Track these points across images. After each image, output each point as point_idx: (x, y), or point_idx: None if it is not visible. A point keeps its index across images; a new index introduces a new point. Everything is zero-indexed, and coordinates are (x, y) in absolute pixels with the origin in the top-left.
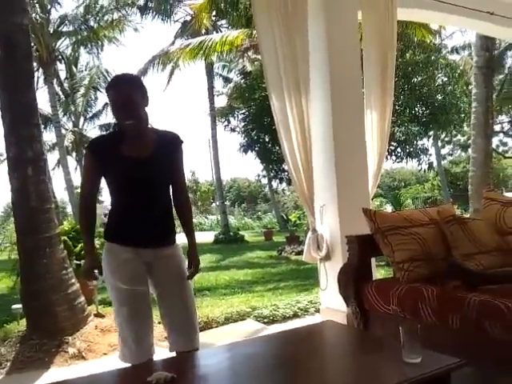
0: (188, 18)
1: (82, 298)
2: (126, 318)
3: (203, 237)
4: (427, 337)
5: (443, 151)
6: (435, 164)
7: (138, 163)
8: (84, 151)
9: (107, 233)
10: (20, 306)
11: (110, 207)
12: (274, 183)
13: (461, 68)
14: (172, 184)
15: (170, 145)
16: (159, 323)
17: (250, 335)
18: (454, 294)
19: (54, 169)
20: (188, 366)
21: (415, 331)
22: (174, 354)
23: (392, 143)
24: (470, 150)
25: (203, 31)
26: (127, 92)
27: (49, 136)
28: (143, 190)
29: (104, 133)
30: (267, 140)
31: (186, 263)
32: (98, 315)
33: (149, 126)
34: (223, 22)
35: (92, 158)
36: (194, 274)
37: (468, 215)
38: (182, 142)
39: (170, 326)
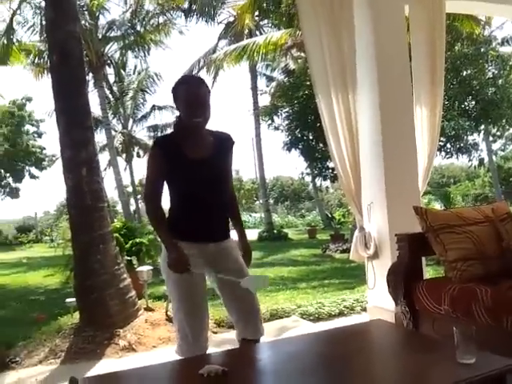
0: (231, 18)
1: (133, 293)
2: (186, 312)
3: (247, 234)
4: (480, 338)
5: (494, 146)
6: (486, 160)
7: (201, 164)
8: (150, 150)
9: (171, 229)
10: (74, 299)
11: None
12: (318, 181)
13: None
14: None
15: (225, 145)
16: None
17: (296, 332)
18: (509, 295)
19: (105, 169)
20: (239, 360)
21: (470, 332)
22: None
23: (441, 138)
24: None
25: (246, 31)
26: (200, 90)
27: (99, 137)
28: (206, 188)
29: (152, 133)
30: (311, 138)
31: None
32: (148, 309)
33: None
34: (265, 21)
35: (161, 155)
36: (249, 260)
37: None
38: (234, 142)
39: (237, 314)
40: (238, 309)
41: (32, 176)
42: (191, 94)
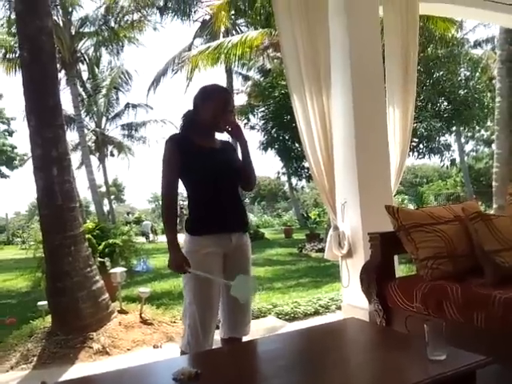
0: (207, 17)
1: (106, 295)
2: (200, 308)
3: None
4: (451, 335)
5: (466, 147)
6: (458, 160)
7: (213, 152)
8: (164, 148)
9: (192, 226)
10: (45, 302)
11: (187, 202)
12: (294, 180)
13: (484, 62)
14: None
15: (228, 147)
16: None
17: (272, 332)
18: (479, 292)
19: (77, 168)
20: (215, 362)
21: (440, 329)
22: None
23: (414, 139)
24: (493, 146)
25: (222, 30)
26: (232, 99)
27: (72, 136)
28: (222, 177)
29: (125, 132)
30: (287, 138)
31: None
32: (122, 311)
33: None
34: (242, 20)
35: (174, 149)
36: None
37: (492, 212)
38: (235, 150)
39: (228, 311)
40: (231, 306)
41: (2, 175)
42: (228, 100)
